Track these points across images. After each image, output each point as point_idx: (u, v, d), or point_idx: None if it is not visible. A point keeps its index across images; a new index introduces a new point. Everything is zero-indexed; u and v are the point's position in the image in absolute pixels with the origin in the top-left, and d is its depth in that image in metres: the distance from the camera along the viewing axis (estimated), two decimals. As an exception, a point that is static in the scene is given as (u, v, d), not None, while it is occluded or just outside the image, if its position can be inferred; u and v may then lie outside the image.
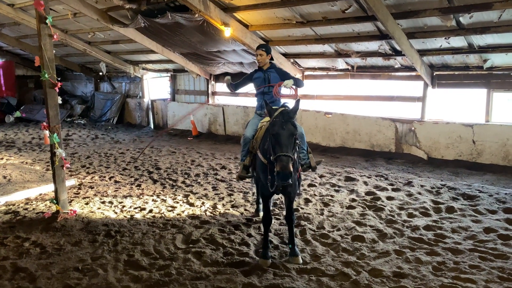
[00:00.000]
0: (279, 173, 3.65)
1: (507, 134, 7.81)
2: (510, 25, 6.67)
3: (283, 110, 3.92)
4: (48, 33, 5.34)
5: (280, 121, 3.83)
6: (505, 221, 5.16)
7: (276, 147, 3.76)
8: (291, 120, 3.86)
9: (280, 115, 3.88)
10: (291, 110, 3.96)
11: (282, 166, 3.63)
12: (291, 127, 3.83)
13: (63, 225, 5.32)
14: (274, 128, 3.84)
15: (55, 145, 5.46)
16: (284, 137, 3.77)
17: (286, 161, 3.66)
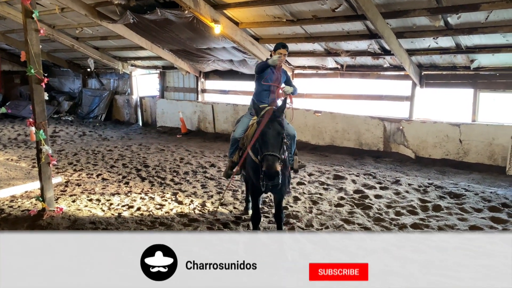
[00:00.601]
0: (265, 173, 3.64)
1: (493, 134, 7.93)
2: (497, 26, 6.77)
3: (270, 110, 3.91)
4: (34, 28, 5.25)
5: (267, 120, 3.81)
6: (490, 219, 5.24)
7: (263, 147, 3.74)
8: (278, 119, 3.84)
9: (267, 113, 3.87)
10: (278, 109, 3.93)
11: (268, 166, 3.62)
12: (278, 126, 3.81)
13: (49, 223, 5.25)
14: (261, 127, 3.82)
15: (41, 141, 5.38)
16: (271, 136, 3.75)
17: (272, 161, 3.64)
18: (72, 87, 18.24)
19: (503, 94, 8.31)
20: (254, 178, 4.36)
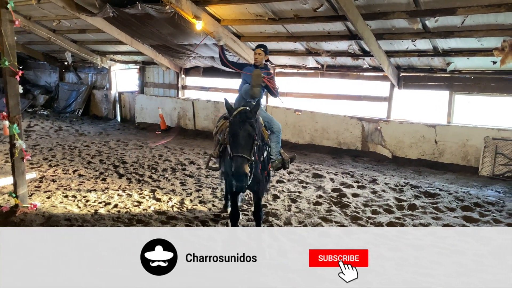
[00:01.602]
0: (233, 174, 3.60)
1: (467, 135, 8.15)
2: (472, 31, 6.96)
3: (242, 110, 3.82)
4: (9, 19, 5.11)
5: (238, 121, 3.74)
6: (463, 218, 5.40)
7: (232, 148, 3.70)
8: (250, 120, 3.76)
9: (238, 114, 3.78)
10: (250, 110, 3.85)
11: (236, 167, 3.57)
12: (249, 128, 3.73)
13: (22, 220, 5.13)
14: (232, 128, 3.75)
15: (15, 136, 5.24)
16: (241, 138, 3.69)
17: (241, 162, 3.59)
18: (49, 80, 17.79)
19: (477, 97, 8.55)
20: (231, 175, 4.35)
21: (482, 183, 7.34)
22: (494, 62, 7.59)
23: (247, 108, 3.86)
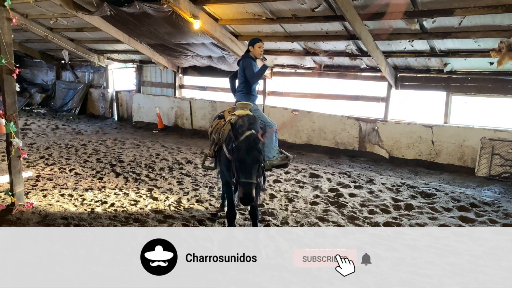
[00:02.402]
0: (242, 199, 3.65)
1: (463, 136, 8.18)
2: (470, 32, 6.98)
3: (250, 136, 3.79)
4: (6, 17, 5.09)
5: (246, 147, 3.73)
6: (459, 218, 5.42)
7: (241, 174, 3.71)
8: (257, 146, 3.77)
9: (246, 140, 3.77)
10: (257, 136, 3.84)
11: (245, 193, 3.63)
12: (257, 153, 3.75)
13: (19, 218, 5.10)
14: (239, 153, 3.74)
15: (11, 134, 5.22)
16: (249, 164, 3.70)
17: (249, 188, 3.64)
18: (45, 79, 17.72)
19: (474, 98, 8.57)
20: (228, 176, 4.35)
21: (479, 183, 7.37)
22: (491, 63, 7.62)
23: (254, 132, 3.82)
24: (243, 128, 3.86)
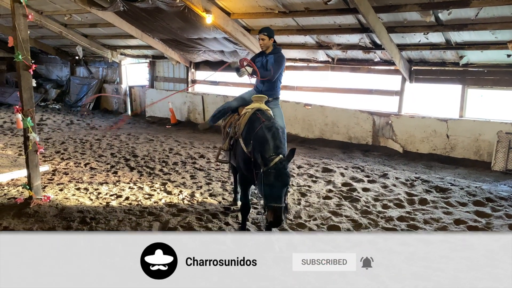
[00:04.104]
0: (272, 223, 3.70)
1: (479, 130, 8.05)
2: (486, 23, 6.84)
3: (279, 161, 3.79)
4: (22, 13, 5.15)
5: (276, 173, 3.74)
6: (475, 213, 5.35)
7: (269, 198, 3.73)
8: (286, 171, 3.80)
9: (276, 166, 3.77)
10: (286, 161, 3.86)
11: (276, 217, 3.66)
12: (286, 178, 3.78)
13: (36, 211, 5.21)
14: (269, 178, 3.75)
15: (28, 129, 5.30)
16: (279, 189, 3.73)
17: (280, 212, 3.68)
18: (60, 74, 17.95)
19: (490, 91, 8.42)
20: (245, 170, 4.36)
21: (495, 178, 7.26)
22: (509, 55, 7.47)
23: (282, 157, 3.84)
24: (271, 153, 3.86)
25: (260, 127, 4.11)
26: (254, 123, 4.25)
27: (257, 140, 4.06)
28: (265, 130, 4.04)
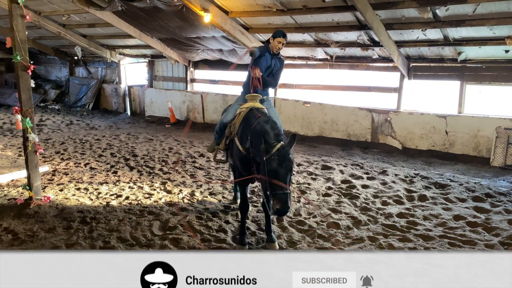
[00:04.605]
0: (279, 210, 3.65)
1: (478, 126, 8.06)
2: (484, 19, 6.85)
3: (281, 147, 3.80)
4: (20, 14, 5.15)
5: (279, 159, 3.74)
6: (474, 209, 5.36)
7: (275, 184, 3.71)
8: (289, 157, 3.81)
9: (279, 152, 3.77)
10: (288, 146, 3.87)
11: (282, 204, 3.63)
12: (289, 164, 3.79)
13: (36, 212, 5.22)
14: (272, 165, 3.74)
15: (27, 129, 5.31)
16: (283, 175, 3.72)
17: (286, 199, 3.65)
18: (59, 75, 17.95)
19: (488, 87, 8.43)
20: (241, 168, 4.37)
21: (494, 173, 7.27)
22: (507, 51, 7.48)
23: (283, 143, 3.85)
24: (272, 141, 3.86)
25: (257, 122, 4.12)
26: (250, 120, 4.26)
27: (255, 134, 4.05)
28: (263, 123, 4.06)
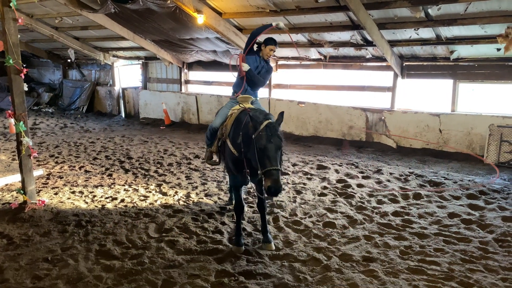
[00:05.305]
0: (271, 188, 3.59)
1: (471, 123, 8.13)
2: (476, 18, 6.91)
3: (269, 123, 3.81)
4: (12, 17, 5.13)
5: (267, 135, 3.74)
6: (468, 206, 5.41)
7: (265, 161, 3.69)
8: (277, 133, 3.80)
9: (267, 128, 3.78)
10: (276, 123, 3.88)
11: (274, 181, 3.59)
12: (278, 140, 3.78)
13: (31, 216, 5.18)
14: (261, 142, 3.73)
15: (21, 133, 5.28)
16: (273, 151, 3.71)
17: (277, 175, 3.62)
18: (52, 78, 17.87)
19: (481, 85, 8.50)
20: (234, 170, 4.37)
21: (487, 171, 7.33)
22: (498, 49, 7.54)
23: (272, 121, 3.86)
24: (260, 119, 3.88)
25: (247, 116, 4.08)
26: (241, 119, 4.25)
27: (246, 126, 4.04)
28: (252, 114, 4.02)
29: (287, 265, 3.95)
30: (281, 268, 3.91)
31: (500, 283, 3.57)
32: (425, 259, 4.02)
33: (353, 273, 3.78)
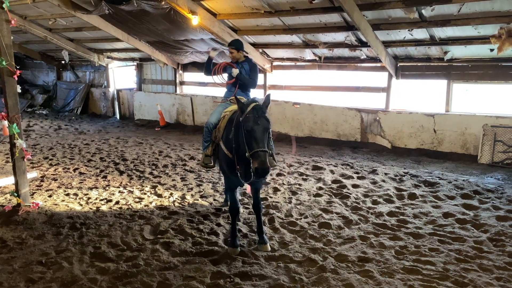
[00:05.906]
0: (258, 169, 3.59)
1: (465, 124, 8.17)
2: (469, 18, 6.94)
3: (256, 105, 3.84)
4: (5, 19, 5.10)
5: (254, 117, 3.76)
6: (463, 206, 5.43)
7: (252, 143, 3.69)
8: (264, 115, 3.82)
9: (253, 110, 3.80)
10: (263, 105, 3.90)
11: (260, 162, 3.59)
12: (265, 122, 3.79)
13: (25, 219, 5.15)
14: (248, 124, 3.75)
15: (14, 135, 5.25)
16: (260, 132, 3.72)
17: (264, 157, 3.62)
18: (46, 80, 17.77)
19: (475, 85, 8.55)
20: (228, 172, 4.37)
21: (482, 170, 7.37)
22: (492, 50, 7.58)
23: (258, 103, 3.88)
24: (248, 102, 3.93)
25: (237, 114, 4.10)
26: (233, 120, 4.24)
27: (235, 115, 4.08)
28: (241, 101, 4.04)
29: (282, 266, 3.95)
30: (276, 269, 3.90)
31: (494, 282, 3.59)
32: (420, 259, 4.03)
33: (348, 273, 3.79)
